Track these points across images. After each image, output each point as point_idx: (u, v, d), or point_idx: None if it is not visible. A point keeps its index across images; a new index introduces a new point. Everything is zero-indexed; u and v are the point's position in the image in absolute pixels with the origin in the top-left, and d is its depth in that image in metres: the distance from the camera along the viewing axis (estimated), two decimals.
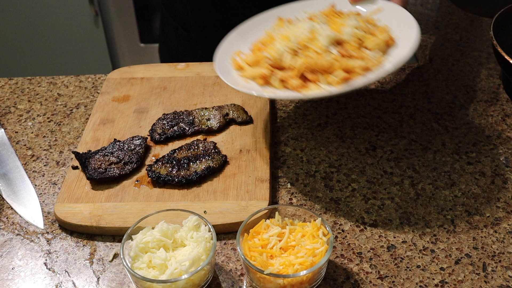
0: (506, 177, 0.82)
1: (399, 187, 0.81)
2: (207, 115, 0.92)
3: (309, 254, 0.64)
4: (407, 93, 1.00)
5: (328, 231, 0.67)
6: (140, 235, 0.68)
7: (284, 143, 0.89)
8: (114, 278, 0.70)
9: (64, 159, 0.88)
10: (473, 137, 0.90)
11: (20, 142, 0.91)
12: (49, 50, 2.33)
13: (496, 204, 0.78)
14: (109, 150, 0.84)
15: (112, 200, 0.78)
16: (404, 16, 0.86)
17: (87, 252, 0.73)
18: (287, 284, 0.64)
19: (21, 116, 0.97)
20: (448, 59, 1.09)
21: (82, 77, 1.07)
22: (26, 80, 1.07)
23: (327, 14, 0.88)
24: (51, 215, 0.78)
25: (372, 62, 0.78)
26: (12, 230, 0.76)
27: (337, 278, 0.69)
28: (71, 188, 0.80)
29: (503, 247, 0.72)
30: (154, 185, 0.80)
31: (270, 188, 0.79)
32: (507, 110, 0.96)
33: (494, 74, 1.04)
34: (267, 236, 0.67)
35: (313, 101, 0.95)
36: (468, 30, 1.18)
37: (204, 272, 0.66)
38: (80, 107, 0.99)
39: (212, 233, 0.67)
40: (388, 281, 0.68)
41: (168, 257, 0.65)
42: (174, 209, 0.71)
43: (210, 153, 0.83)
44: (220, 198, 0.77)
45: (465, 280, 0.68)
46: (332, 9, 0.90)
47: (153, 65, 1.06)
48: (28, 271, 0.71)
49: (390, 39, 0.82)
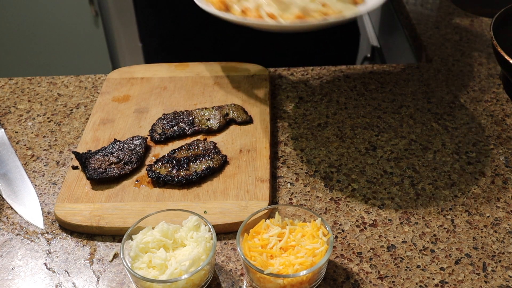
0: (506, 177, 0.82)
1: (399, 187, 0.81)
2: (207, 115, 0.92)
3: (309, 254, 0.64)
4: (407, 93, 1.00)
5: (328, 231, 0.67)
6: (140, 235, 0.68)
7: (284, 143, 0.89)
8: (114, 278, 0.70)
9: (64, 159, 0.88)
10: (473, 137, 0.90)
11: (20, 142, 0.91)
12: (49, 50, 2.33)
13: (496, 204, 0.78)
14: (109, 150, 0.84)
15: (112, 200, 0.78)
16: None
17: (87, 252, 0.73)
18: (287, 284, 0.64)
19: (21, 116, 0.97)
20: (448, 59, 1.09)
21: (82, 77, 1.07)
22: (26, 80, 1.07)
23: None
24: (51, 215, 0.78)
25: (332, 11, 0.80)
26: (12, 230, 0.76)
27: (337, 278, 0.69)
28: (71, 188, 0.80)
29: (503, 247, 0.72)
30: (154, 185, 0.80)
31: (270, 188, 0.79)
32: (507, 110, 0.96)
33: (494, 74, 1.04)
34: (267, 236, 0.67)
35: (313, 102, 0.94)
36: (468, 30, 1.18)
37: (204, 272, 0.66)
38: (80, 107, 0.99)
39: (212, 233, 0.67)
40: (388, 281, 0.68)
41: (168, 257, 0.65)
42: (174, 209, 0.71)
43: (210, 153, 0.83)
44: (220, 198, 0.77)
45: (465, 280, 0.68)
46: None
47: (153, 65, 1.06)
48: (28, 271, 0.71)
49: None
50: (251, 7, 0.82)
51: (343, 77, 1.04)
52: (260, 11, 0.81)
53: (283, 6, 0.80)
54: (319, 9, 0.80)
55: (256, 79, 1.01)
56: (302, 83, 1.03)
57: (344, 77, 1.04)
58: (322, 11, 0.80)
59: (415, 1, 1.29)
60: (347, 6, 0.83)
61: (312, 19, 0.79)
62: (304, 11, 0.80)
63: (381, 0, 0.83)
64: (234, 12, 0.83)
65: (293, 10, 0.80)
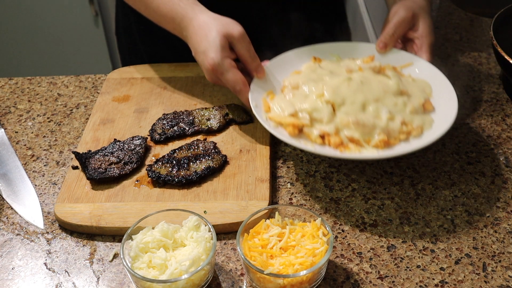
0: (506, 177, 0.82)
1: (399, 187, 0.81)
2: (207, 115, 0.92)
3: (309, 254, 0.64)
4: None
5: (328, 231, 0.67)
6: (140, 235, 0.68)
7: (284, 143, 0.89)
8: (114, 278, 0.70)
9: (64, 159, 0.88)
10: (473, 137, 0.90)
11: (20, 142, 0.91)
12: (49, 50, 2.33)
13: (496, 204, 0.78)
14: (109, 150, 0.84)
15: (112, 200, 0.78)
16: (434, 74, 0.87)
17: (87, 252, 0.73)
18: (287, 284, 0.64)
19: (21, 116, 0.97)
20: (448, 59, 1.09)
21: (82, 77, 1.07)
22: (26, 80, 1.07)
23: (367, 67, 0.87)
24: (51, 215, 0.78)
25: (413, 128, 0.78)
26: (12, 230, 0.76)
27: (337, 278, 0.69)
28: (71, 188, 0.80)
29: (503, 247, 0.72)
30: (154, 185, 0.80)
31: (270, 188, 0.79)
32: (507, 110, 0.96)
33: (494, 74, 1.04)
34: (267, 236, 0.67)
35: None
36: (468, 30, 1.18)
37: (204, 272, 0.66)
38: (80, 107, 0.99)
39: (212, 233, 0.67)
40: (388, 281, 0.68)
41: (168, 257, 0.65)
42: (174, 209, 0.71)
43: (210, 153, 0.83)
44: (220, 198, 0.77)
45: (465, 280, 0.68)
46: (371, 59, 0.90)
47: (153, 65, 1.06)
48: (28, 271, 0.71)
49: (427, 102, 0.82)
50: (329, 131, 0.76)
51: None
52: (341, 135, 0.76)
53: (366, 129, 0.76)
54: (401, 130, 0.77)
55: None
56: None
57: None
58: (404, 131, 0.77)
59: None
60: (424, 118, 0.80)
61: (401, 148, 0.75)
62: (387, 133, 0.76)
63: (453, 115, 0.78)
64: (310, 136, 0.77)
65: (376, 133, 0.76)
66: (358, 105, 0.78)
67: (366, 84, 0.81)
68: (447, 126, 0.76)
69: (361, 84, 0.81)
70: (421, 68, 0.89)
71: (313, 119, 0.78)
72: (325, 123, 0.77)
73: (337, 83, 0.81)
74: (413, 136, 0.78)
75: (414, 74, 0.89)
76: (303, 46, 0.94)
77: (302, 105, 0.79)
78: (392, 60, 0.91)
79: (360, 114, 0.77)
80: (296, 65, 0.92)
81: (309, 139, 0.78)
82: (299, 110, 0.79)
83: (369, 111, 0.78)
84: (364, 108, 0.79)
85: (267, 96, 0.85)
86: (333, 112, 0.78)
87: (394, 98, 0.80)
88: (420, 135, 0.78)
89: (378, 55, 0.92)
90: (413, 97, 0.82)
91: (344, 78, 0.82)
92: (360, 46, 0.94)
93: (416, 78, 0.88)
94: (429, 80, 0.87)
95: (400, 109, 0.79)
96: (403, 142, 0.77)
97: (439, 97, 0.84)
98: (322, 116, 0.78)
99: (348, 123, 0.76)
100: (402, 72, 0.90)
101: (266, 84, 0.87)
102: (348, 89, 0.80)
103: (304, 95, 0.82)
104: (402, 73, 0.90)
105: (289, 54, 0.92)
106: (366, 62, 0.90)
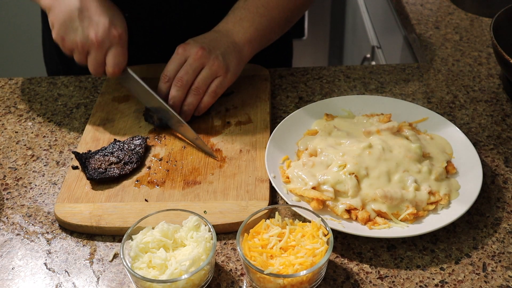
0: (506, 177, 0.82)
1: None
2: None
3: (309, 254, 0.64)
4: (407, 93, 1.00)
5: (328, 231, 0.67)
6: (140, 235, 0.68)
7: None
8: (114, 278, 0.70)
9: (64, 159, 0.88)
10: (473, 137, 0.90)
11: (20, 142, 0.91)
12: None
13: (496, 204, 0.78)
14: (109, 150, 0.84)
15: (112, 200, 0.78)
16: (450, 129, 0.86)
17: (87, 252, 0.73)
18: (287, 284, 0.64)
19: (21, 116, 0.97)
20: (448, 59, 1.09)
21: (82, 77, 1.07)
22: (26, 80, 1.07)
23: (385, 129, 0.83)
24: (51, 215, 0.78)
25: (440, 197, 0.75)
26: (12, 230, 0.76)
27: (337, 278, 0.69)
28: (71, 188, 0.80)
29: (503, 247, 0.72)
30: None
31: (270, 188, 0.79)
32: (507, 110, 0.96)
33: (494, 74, 1.04)
34: (267, 236, 0.67)
35: None
36: (468, 30, 1.18)
37: (204, 272, 0.66)
38: (80, 107, 0.99)
39: (212, 233, 0.67)
40: (388, 281, 0.68)
41: (168, 257, 0.65)
42: (174, 209, 0.71)
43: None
44: (220, 198, 0.77)
45: (465, 280, 0.68)
46: (387, 118, 0.87)
47: (153, 65, 1.06)
48: (28, 271, 0.71)
49: (449, 165, 0.80)
50: (356, 205, 0.73)
51: (343, 77, 1.04)
52: (367, 209, 0.73)
53: (394, 202, 0.73)
54: (429, 200, 0.74)
55: (256, 79, 1.01)
56: (302, 83, 1.03)
57: (344, 77, 1.04)
58: (432, 201, 0.75)
59: (415, 1, 1.29)
60: (449, 184, 0.77)
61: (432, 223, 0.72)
62: (415, 205, 0.73)
63: (479, 183, 0.76)
64: (335, 210, 0.74)
65: (404, 205, 0.73)
66: (383, 175, 0.75)
67: (388, 151, 0.78)
68: (475, 195, 0.74)
69: (383, 152, 0.78)
70: (436, 123, 0.88)
71: (337, 191, 0.75)
72: (350, 196, 0.74)
73: (358, 152, 0.78)
74: (441, 205, 0.75)
75: (429, 129, 0.87)
76: (312, 103, 0.91)
77: (324, 177, 0.76)
78: (404, 114, 0.89)
79: (386, 186, 0.74)
80: (306, 122, 0.89)
81: (333, 212, 0.74)
82: (322, 182, 0.75)
83: (394, 182, 0.75)
84: (389, 178, 0.76)
85: (283, 163, 0.82)
86: (357, 184, 0.75)
87: (418, 164, 0.77)
88: (448, 204, 0.75)
89: (390, 107, 0.90)
90: (435, 160, 0.80)
91: (364, 145, 0.78)
92: (370, 99, 0.92)
93: (433, 135, 0.86)
94: (445, 136, 0.86)
95: (425, 177, 0.76)
96: (432, 213, 0.74)
97: (459, 156, 0.82)
98: (347, 189, 0.74)
99: (376, 197, 0.73)
100: (418, 129, 0.88)
101: (279, 149, 0.83)
102: (370, 157, 0.77)
103: (325, 164, 0.78)
104: (418, 129, 0.88)
105: (299, 112, 0.89)
106: (382, 122, 0.86)
